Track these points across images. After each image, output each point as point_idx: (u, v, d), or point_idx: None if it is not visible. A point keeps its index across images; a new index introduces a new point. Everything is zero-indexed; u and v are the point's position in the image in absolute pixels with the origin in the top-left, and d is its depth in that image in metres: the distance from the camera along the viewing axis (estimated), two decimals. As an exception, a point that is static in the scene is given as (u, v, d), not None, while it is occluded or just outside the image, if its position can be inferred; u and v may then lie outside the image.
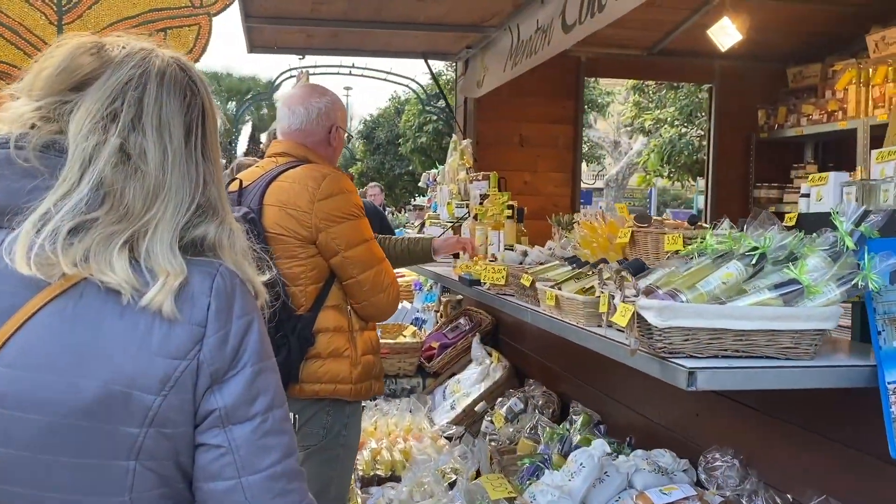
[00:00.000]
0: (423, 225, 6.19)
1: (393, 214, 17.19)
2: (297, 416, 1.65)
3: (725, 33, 5.20)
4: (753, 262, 1.68)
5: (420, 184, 6.70)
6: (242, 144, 26.75)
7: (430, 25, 4.83)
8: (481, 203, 4.58)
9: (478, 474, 3.11)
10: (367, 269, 2.56)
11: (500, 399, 3.91)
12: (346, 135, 2.92)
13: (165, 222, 1.06)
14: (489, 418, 3.84)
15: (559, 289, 2.19)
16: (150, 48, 1.12)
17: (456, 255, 3.94)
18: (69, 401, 0.99)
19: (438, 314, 5.59)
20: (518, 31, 4.67)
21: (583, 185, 7.00)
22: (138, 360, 1.01)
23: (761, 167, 6.29)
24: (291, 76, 8.62)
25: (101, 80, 1.07)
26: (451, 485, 3.11)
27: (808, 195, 2.16)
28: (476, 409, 4.05)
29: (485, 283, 2.97)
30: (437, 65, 19.92)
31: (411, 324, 5.56)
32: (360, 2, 4.34)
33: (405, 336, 4.93)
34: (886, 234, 1.65)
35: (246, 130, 28.31)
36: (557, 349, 3.60)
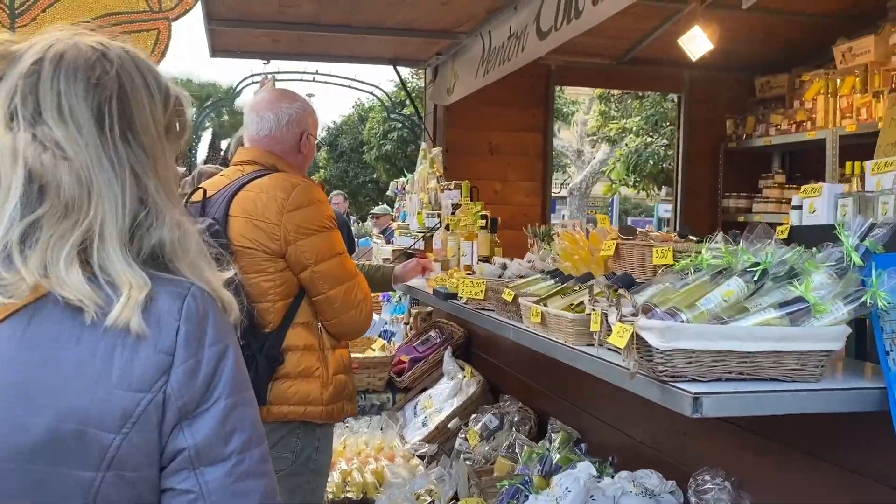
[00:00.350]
0: (388, 233, 6.08)
1: (357, 223, 17.01)
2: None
3: (696, 42, 5.18)
4: (755, 278, 1.59)
5: (388, 192, 6.59)
6: (203, 152, 26.31)
7: (400, 31, 4.72)
8: (453, 213, 4.48)
9: (455, 497, 2.98)
10: (338, 284, 2.43)
11: (473, 415, 3.79)
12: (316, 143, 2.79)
13: (109, 224, 0.94)
14: (463, 435, 3.72)
15: (544, 305, 2.09)
16: (66, 36, 0.98)
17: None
18: (13, 441, 0.87)
19: (408, 326, 5.46)
20: (490, 37, 4.58)
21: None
22: (95, 393, 0.89)
23: (730, 176, 6.29)
24: (254, 82, 8.43)
25: (5, 77, 0.95)
26: (427, 508, 2.98)
27: (799, 207, 2.09)
28: (449, 426, 3.93)
29: (462, 298, 2.85)
30: (403, 72, 19.79)
31: (379, 336, 5.42)
32: (328, 5, 4.20)
33: (374, 350, 4.79)
34: (892, 249, 1.57)
35: (206, 137, 27.85)
36: (533, 363, 3.50)
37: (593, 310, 1.81)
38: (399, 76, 5.80)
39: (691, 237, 2.35)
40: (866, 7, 5.07)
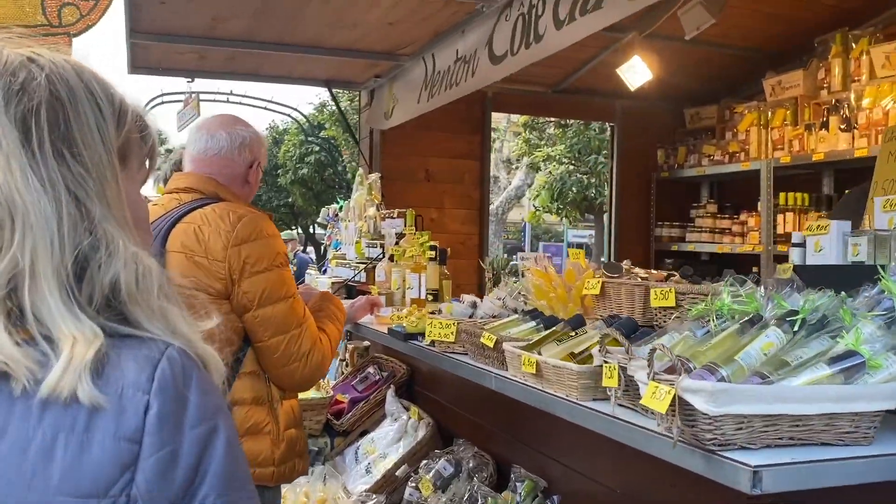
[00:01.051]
0: (323, 262, 5.77)
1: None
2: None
3: (635, 72, 5.18)
4: (795, 328, 1.44)
5: (319, 219, 6.28)
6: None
7: (340, 51, 4.48)
8: (397, 243, 4.25)
9: (419, 561, 2.71)
10: (280, 332, 2.15)
11: (424, 461, 3.52)
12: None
13: (42, 258, 0.72)
14: (413, 484, 3.44)
15: (538, 353, 1.88)
16: None
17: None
18: None
19: (344, 362, 5.15)
20: (434, 60, 4.41)
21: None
22: (26, 501, 0.66)
23: (662, 206, 6.33)
24: (163, 101, 7.95)
25: None
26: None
27: (801, 244, 1.98)
28: (397, 473, 3.64)
29: (425, 339, 2.62)
30: (323, 94, 19.44)
31: (312, 373, 5.08)
32: (265, 21, 3.92)
33: (311, 390, 4.46)
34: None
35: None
36: (488, 403, 3.28)
37: (606, 362, 1.62)
38: (334, 98, 5.55)
39: (681, 274, 2.21)
40: (794, 42, 5.20)
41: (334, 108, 19.42)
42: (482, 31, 3.72)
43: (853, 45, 4.72)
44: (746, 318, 1.52)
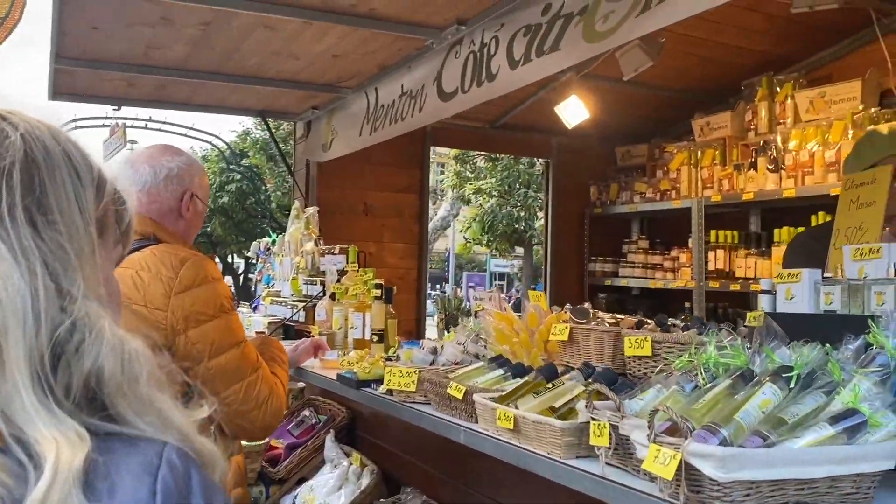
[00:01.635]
0: (254, 300, 5.53)
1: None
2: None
3: (572, 111, 5.25)
4: (791, 384, 1.41)
5: (249, 253, 6.04)
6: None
7: (279, 82, 4.34)
8: (339, 280, 4.11)
9: None
10: (235, 381, 2.01)
11: (370, 511, 3.38)
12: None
13: (12, 340, 0.62)
14: (359, 535, 3.29)
15: (515, 406, 1.80)
16: None
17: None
18: None
19: (277, 404, 4.93)
20: (376, 94, 4.33)
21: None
22: None
23: (595, 241, 6.42)
24: (77, 127, 7.54)
25: None
26: None
27: (771, 292, 1.98)
28: (341, 523, 3.48)
29: (382, 387, 2.49)
30: (247, 121, 18.98)
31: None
32: (203, 50, 3.76)
33: (244, 435, 4.22)
34: (919, 349, 1.46)
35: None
36: (435, 448, 3.17)
37: (594, 419, 1.55)
38: (269, 128, 5.37)
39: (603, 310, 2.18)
40: (722, 85, 5.39)
41: (258, 135, 19.07)
42: (430, 67, 3.68)
43: (778, 89, 4.93)
44: (738, 373, 1.49)
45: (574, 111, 5.28)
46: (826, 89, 4.49)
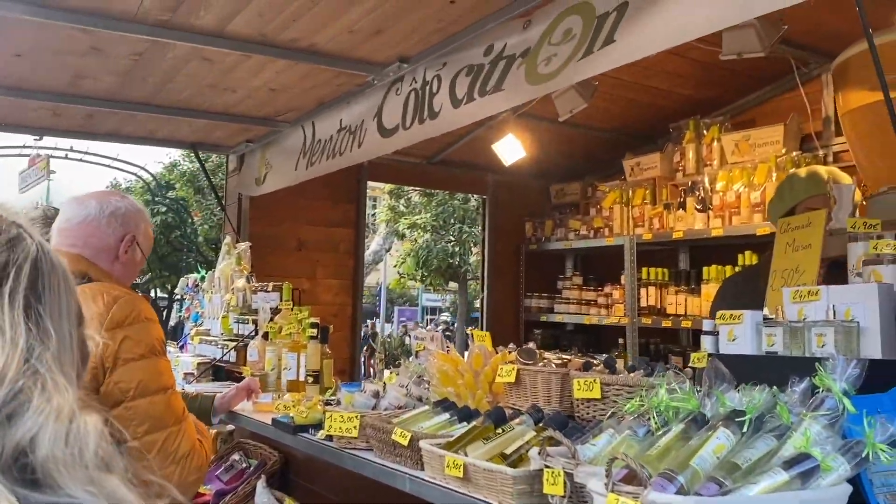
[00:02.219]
0: (181, 338, 5.31)
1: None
2: None
3: (509, 149, 5.32)
4: (744, 429, 1.41)
5: (175, 290, 5.82)
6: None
7: (213, 114, 4.23)
8: (272, 318, 3.99)
9: None
10: (155, 429, 1.91)
11: (305, 560, 3.24)
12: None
13: None
14: (294, 586, 3.15)
15: (465, 454, 1.75)
16: None
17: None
18: None
19: (206, 448, 4.71)
20: (313, 128, 4.28)
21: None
22: None
23: (531, 277, 6.47)
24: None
25: None
26: None
27: (713, 333, 2.00)
28: (275, 574, 3.33)
29: (321, 432, 2.40)
30: (174, 153, 18.52)
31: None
32: (136, 80, 3.63)
33: (170, 482, 4.01)
34: (863, 391, 1.49)
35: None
36: (377, 495, 3.07)
37: (548, 467, 1.52)
38: (200, 161, 5.23)
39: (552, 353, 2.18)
40: (651, 126, 5.57)
41: (185, 167, 18.61)
42: (370, 103, 3.65)
43: (704, 132, 5.12)
44: (690, 417, 1.49)
45: (510, 149, 5.36)
46: (750, 133, 4.69)
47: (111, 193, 2.16)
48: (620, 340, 5.59)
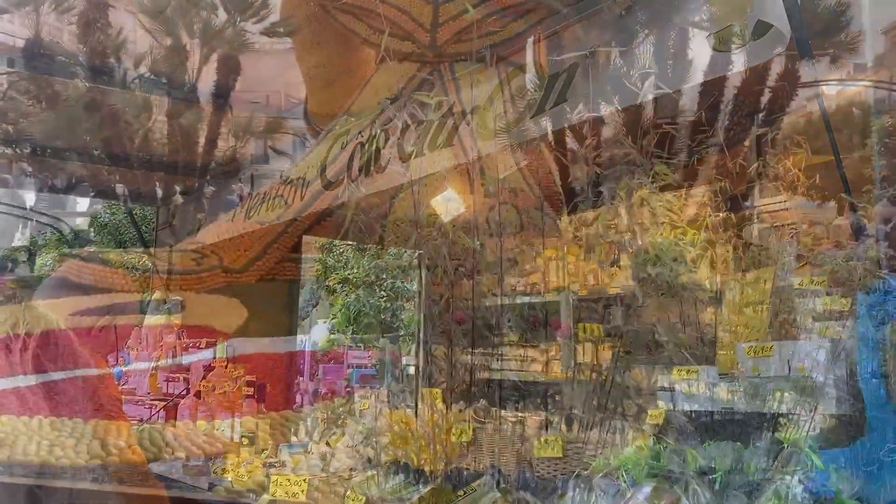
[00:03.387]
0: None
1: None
2: None
3: (449, 205, 5.32)
4: (716, 486, 1.40)
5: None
6: None
7: (144, 164, 4.10)
8: (205, 377, 3.82)
9: None
10: None
11: None
12: None
13: None
14: None
15: (427, 519, 1.68)
16: None
17: None
18: None
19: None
20: (251, 181, 4.19)
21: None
22: None
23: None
24: None
25: None
26: None
27: (672, 389, 2.01)
28: None
29: (263, 498, 2.27)
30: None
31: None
32: (62, 128, 3.49)
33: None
34: (823, 447, 1.50)
35: None
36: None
37: (518, 531, 1.46)
38: (131, 214, 5.05)
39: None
40: (584, 186, 5.68)
41: (106, 219, 18.00)
42: (315, 155, 3.62)
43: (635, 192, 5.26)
44: (660, 475, 1.47)
45: (451, 205, 5.36)
46: (681, 193, 4.84)
47: None
48: (558, 398, 5.58)
